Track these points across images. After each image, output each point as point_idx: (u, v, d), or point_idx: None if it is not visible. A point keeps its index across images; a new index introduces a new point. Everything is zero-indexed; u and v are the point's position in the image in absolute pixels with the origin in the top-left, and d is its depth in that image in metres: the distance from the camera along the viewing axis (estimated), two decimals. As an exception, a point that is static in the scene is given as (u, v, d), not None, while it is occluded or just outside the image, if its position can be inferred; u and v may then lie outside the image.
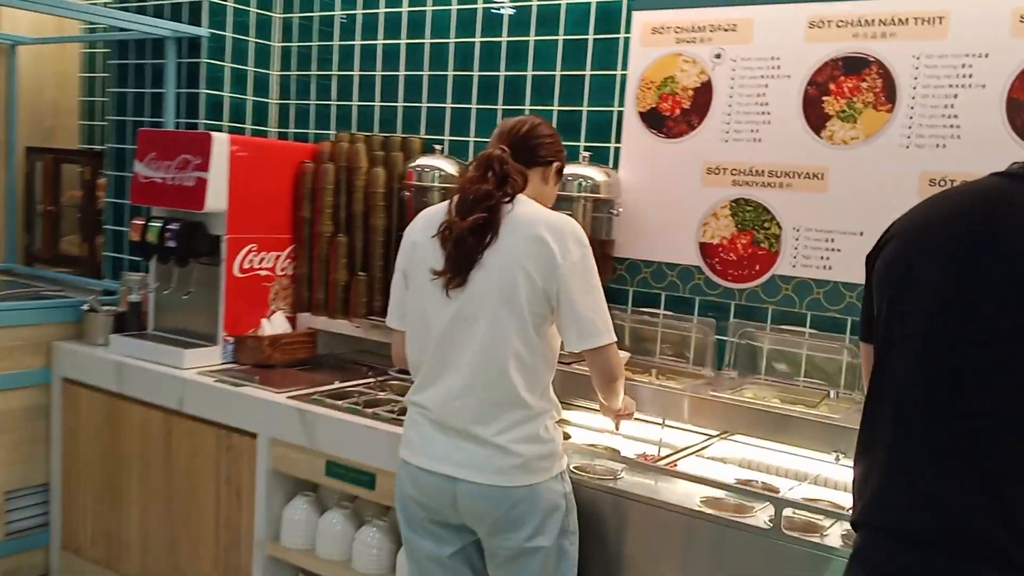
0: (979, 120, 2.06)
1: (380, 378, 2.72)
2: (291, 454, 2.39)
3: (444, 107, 2.99)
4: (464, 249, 1.71)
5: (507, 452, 1.70)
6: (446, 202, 1.79)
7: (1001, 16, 2.02)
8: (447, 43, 2.98)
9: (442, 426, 1.75)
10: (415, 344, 1.83)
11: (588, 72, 2.68)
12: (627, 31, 2.59)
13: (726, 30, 2.41)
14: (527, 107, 2.81)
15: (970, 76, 2.07)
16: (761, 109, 2.37)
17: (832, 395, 2.18)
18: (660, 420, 2.21)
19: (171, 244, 2.72)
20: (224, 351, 2.80)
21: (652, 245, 2.56)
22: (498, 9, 2.85)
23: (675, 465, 2.00)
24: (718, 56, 2.44)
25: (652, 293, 2.58)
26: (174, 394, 2.65)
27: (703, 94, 2.46)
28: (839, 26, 2.24)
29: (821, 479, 2.02)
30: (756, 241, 2.40)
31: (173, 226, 2.73)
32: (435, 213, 1.82)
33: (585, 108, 2.70)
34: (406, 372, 1.90)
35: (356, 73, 3.20)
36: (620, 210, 2.54)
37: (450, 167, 2.75)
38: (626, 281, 2.60)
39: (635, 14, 2.56)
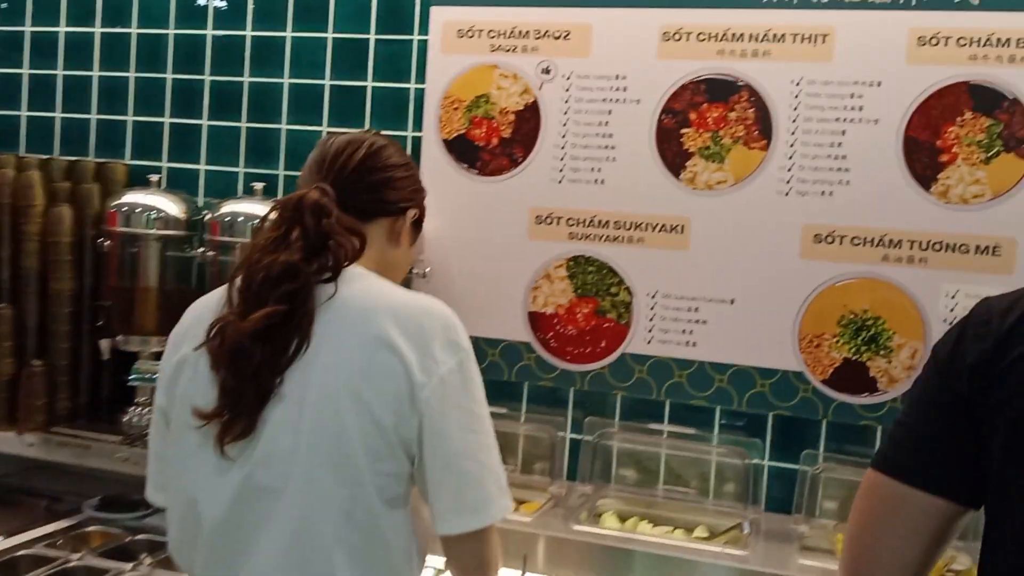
0: (872, 162, 1.69)
1: (73, 520, 1.82)
2: None
3: (160, 122, 2.16)
4: (248, 371, 0.99)
5: None
6: (224, 288, 1.06)
7: (896, 36, 1.66)
8: (164, 35, 2.15)
9: None
10: (178, 536, 1.09)
11: (369, 83, 2.01)
12: (423, 32, 1.96)
13: (556, 38, 1.87)
14: (283, 125, 2.08)
15: (860, 108, 1.69)
16: (604, 142, 1.85)
17: (746, 527, 1.67)
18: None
19: None
20: None
21: (466, 315, 1.91)
22: (240, -8, 2.09)
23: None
24: (547, 71, 1.88)
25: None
26: None
27: (528, 120, 1.89)
28: (700, 40, 1.78)
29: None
30: (601, 311, 1.87)
31: None
32: (211, 304, 1.08)
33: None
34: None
35: (26, 71, 2.25)
36: (427, 269, 1.89)
37: (174, 207, 1.96)
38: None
39: (433, 11, 1.94)
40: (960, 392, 0.86)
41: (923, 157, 1.66)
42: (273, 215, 1.07)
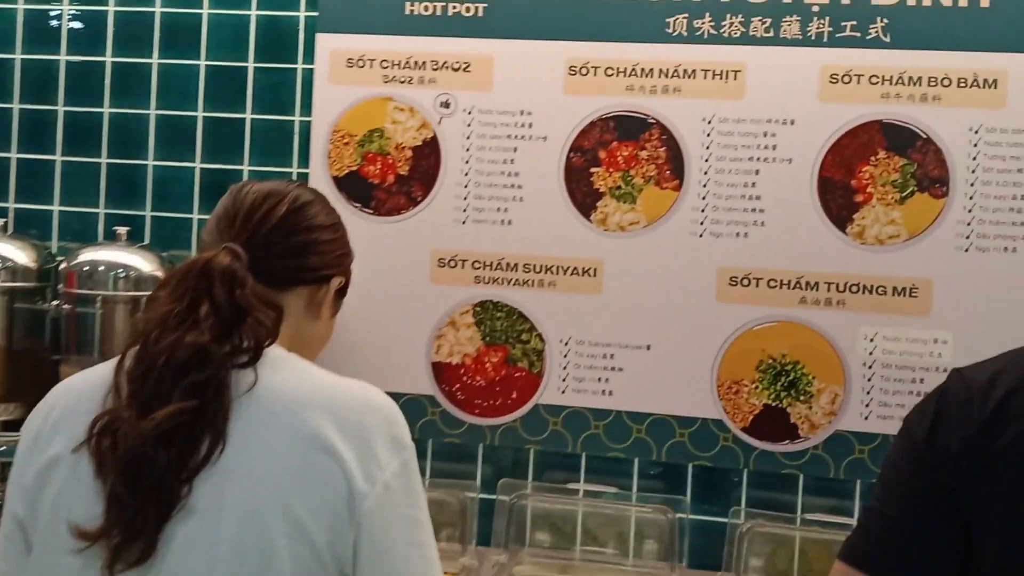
0: (787, 202, 1.64)
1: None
2: None
3: (7, 157, 1.90)
4: (148, 480, 0.80)
5: None
6: (106, 368, 0.88)
7: (809, 73, 1.62)
8: (10, 59, 1.90)
9: None
10: None
11: (248, 115, 1.83)
12: (308, 61, 1.79)
13: (456, 69, 1.74)
14: (150, 161, 1.86)
15: (774, 147, 1.64)
16: (510, 181, 1.73)
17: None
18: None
19: None
20: None
21: (362, 368, 1.77)
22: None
23: None
24: (446, 105, 1.75)
25: (366, 437, 1.79)
26: None
27: (427, 156, 1.76)
28: (608, 75, 1.69)
29: None
30: (511, 359, 1.74)
31: None
32: (89, 390, 0.88)
33: (246, 167, 1.84)
34: None
35: None
36: (320, 324, 1.71)
37: (22, 254, 1.73)
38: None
39: (320, 38, 1.78)
40: (943, 483, 0.78)
41: (838, 197, 1.62)
42: (172, 282, 0.88)
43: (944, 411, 0.79)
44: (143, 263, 1.71)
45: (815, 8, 1.61)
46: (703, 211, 1.67)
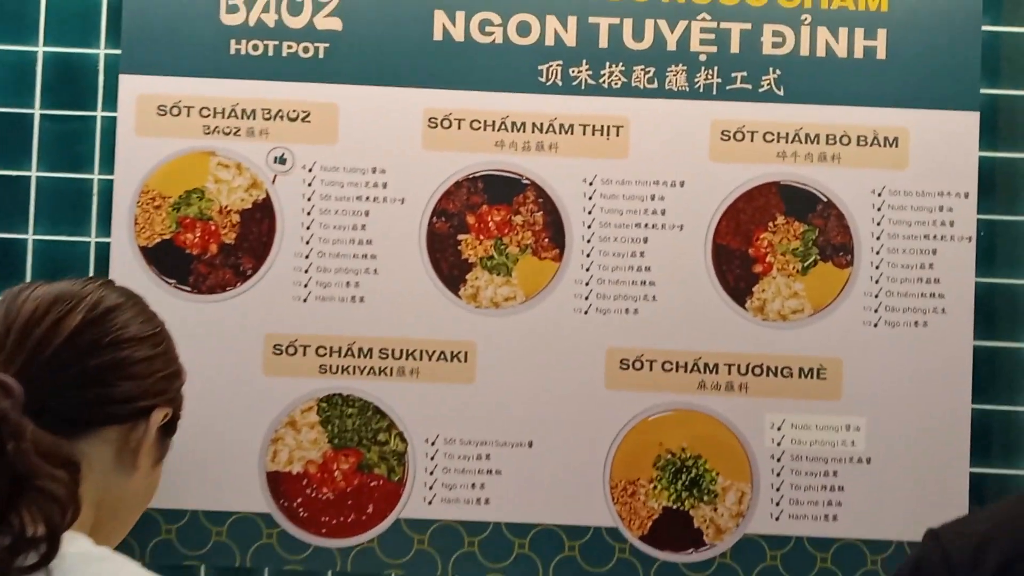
0: (680, 274, 1.45)
1: None
2: None
3: None
4: None
5: None
6: None
7: (698, 129, 1.45)
8: None
9: None
10: None
11: (34, 173, 1.49)
12: (110, 107, 1.47)
13: (293, 119, 1.46)
14: (-99, 230, 1.47)
15: (663, 212, 1.45)
16: (361, 250, 1.46)
17: None
18: None
19: None
20: None
21: (181, 482, 1.43)
22: None
23: None
24: (282, 160, 1.46)
25: (184, 568, 1.44)
26: None
27: (259, 221, 1.46)
28: (475, 128, 1.46)
29: None
30: (366, 465, 1.45)
31: None
32: None
33: (30, 235, 1.49)
34: None
35: None
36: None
37: None
38: (131, 549, 1.40)
39: (124, 80, 1.46)
40: None
41: (735, 267, 1.44)
42: None
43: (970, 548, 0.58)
44: None
45: (702, 57, 1.45)
46: (587, 284, 1.45)
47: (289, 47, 1.46)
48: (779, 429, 1.43)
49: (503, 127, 1.46)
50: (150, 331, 0.80)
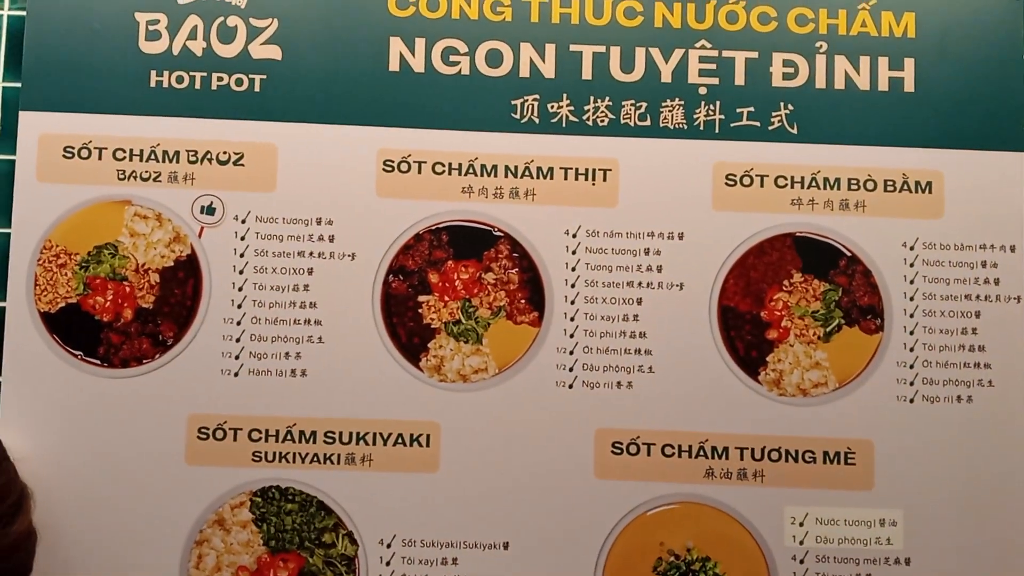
0: (680, 340, 1.24)
1: None
2: None
3: None
4: None
5: None
6: None
7: (698, 173, 1.26)
8: None
9: None
10: None
11: (-86, 226, 1.25)
12: (8, 149, 1.25)
13: (223, 162, 1.25)
14: None
15: (659, 269, 1.25)
16: (304, 315, 1.24)
17: None
18: None
19: None
20: None
21: (80, 603, 1.19)
22: None
23: None
24: (210, 211, 1.25)
25: None
26: None
27: (182, 282, 1.24)
28: (437, 172, 1.25)
29: None
30: (309, 573, 1.21)
31: None
32: None
33: (-92, 301, 1.25)
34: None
35: None
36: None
37: None
38: None
39: (24, 117, 1.24)
40: None
41: (745, 334, 1.23)
42: None
43: None
44: None
45: (702, 90, 1.25)
46: (572, 353, 1.24)
47: (220, 79, 1.25)
48: (801, 524, 1.21)
49: (471, 171, 1.25)
50: None
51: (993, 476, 1.21)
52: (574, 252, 1.25)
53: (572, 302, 1.25)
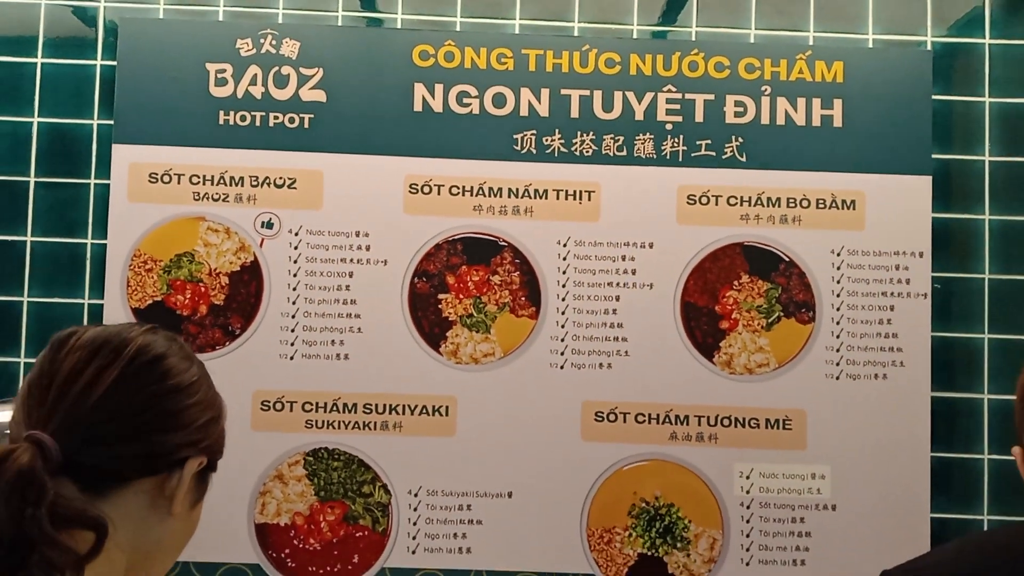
0: (651, 330, 1.51)
1: None
2: None
3: None
4: None
5: None
6: None
7: (665, 194, 1.52)
8: None
9: None
10: None
11: (28, 238, 1.54)
12: (103, 175, 1.53)
13: (279, 186, 1.53)
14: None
15: (633, 272, 1.52)
16: (346, 309, 1.52)
17: None
18: None
19: None
20: None
21: (171, 541, 1.47)
22: None
23: None
24: (268, 225, 1.53)
25: (174, 625, 1.48)
26: None
27: (247, 283, 1.52)
28: (453, 193, 1.53)
29: None
30: (351, 517, 1.50)
31: None
32: None
33: (25, 298, 1.53)
34: None
35: None
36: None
37: None
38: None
39: (117, 150, 1.52)
40: None
41: (703, 324, 1.50)
42: None
43: None
44: None
45: (668, 126, 1.52)
46: (563, 340, 1.52)
47: (275, 117, 1.52)
48: (748, 478, 1.49)
49: (481, 192, 1.53)
50: (192, 379, 0.75)
51: (902, 438, 1.49)
52: (564, 259, 1.53)
53: (563, 299, 1.53)
